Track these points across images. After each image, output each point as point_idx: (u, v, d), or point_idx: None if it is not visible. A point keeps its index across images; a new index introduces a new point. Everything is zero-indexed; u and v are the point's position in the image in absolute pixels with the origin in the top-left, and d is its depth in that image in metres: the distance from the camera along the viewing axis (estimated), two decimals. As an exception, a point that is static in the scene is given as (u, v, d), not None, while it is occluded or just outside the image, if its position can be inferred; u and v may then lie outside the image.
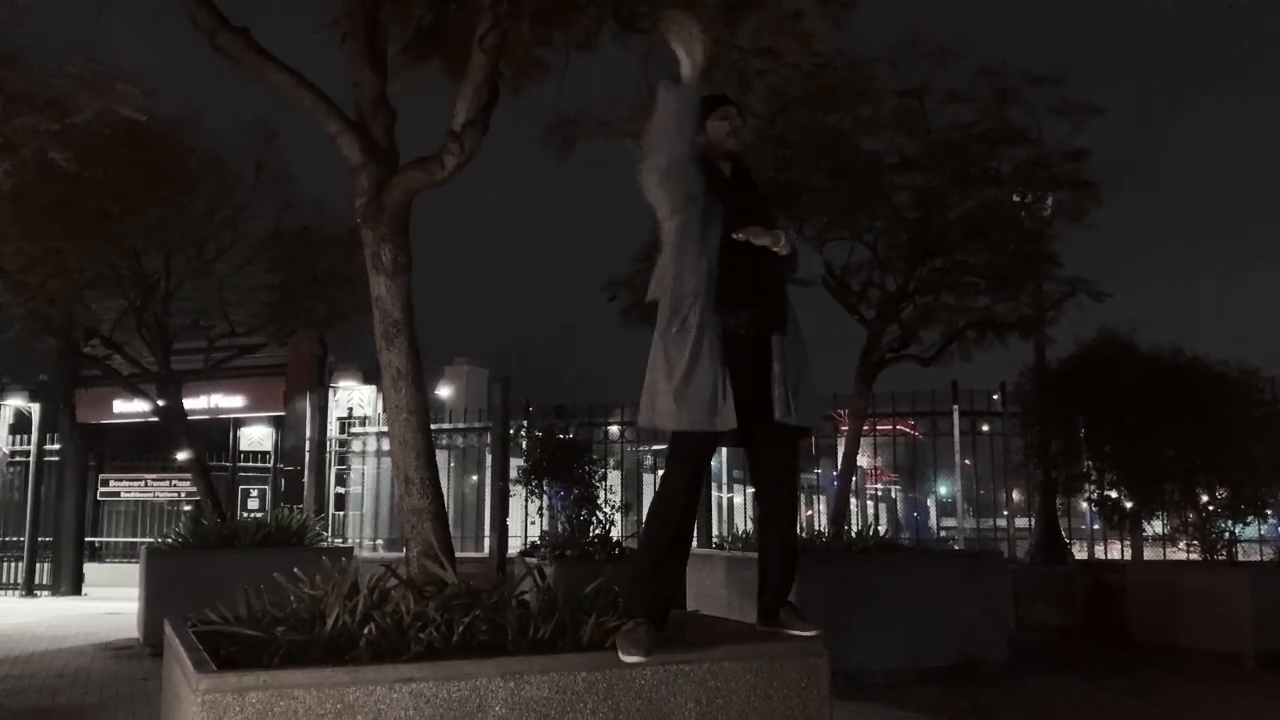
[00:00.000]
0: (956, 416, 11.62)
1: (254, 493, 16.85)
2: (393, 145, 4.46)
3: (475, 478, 15.07)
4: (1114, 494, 9.64)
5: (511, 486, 11.08)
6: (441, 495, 4.22)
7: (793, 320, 3.59)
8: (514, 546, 11.54)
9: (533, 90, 5.46)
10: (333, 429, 15.27)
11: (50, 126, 8.12)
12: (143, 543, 13.97)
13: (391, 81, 4.66)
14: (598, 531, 9.37)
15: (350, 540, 13.94)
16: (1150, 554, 10.40)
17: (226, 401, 17.06)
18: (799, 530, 8.41)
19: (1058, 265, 9.19)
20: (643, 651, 3.05)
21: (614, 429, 12.78)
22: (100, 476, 16.69)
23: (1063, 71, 8.76)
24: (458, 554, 4.14)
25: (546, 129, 6.20)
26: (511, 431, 12.70)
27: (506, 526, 12.18)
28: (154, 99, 8.98)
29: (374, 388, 15.36)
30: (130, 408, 15.98)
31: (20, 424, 16.59)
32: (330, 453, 15.11)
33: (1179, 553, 9.64)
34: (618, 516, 9.86)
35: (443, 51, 5.16)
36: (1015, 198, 9.36)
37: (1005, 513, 13.21)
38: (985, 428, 11.86)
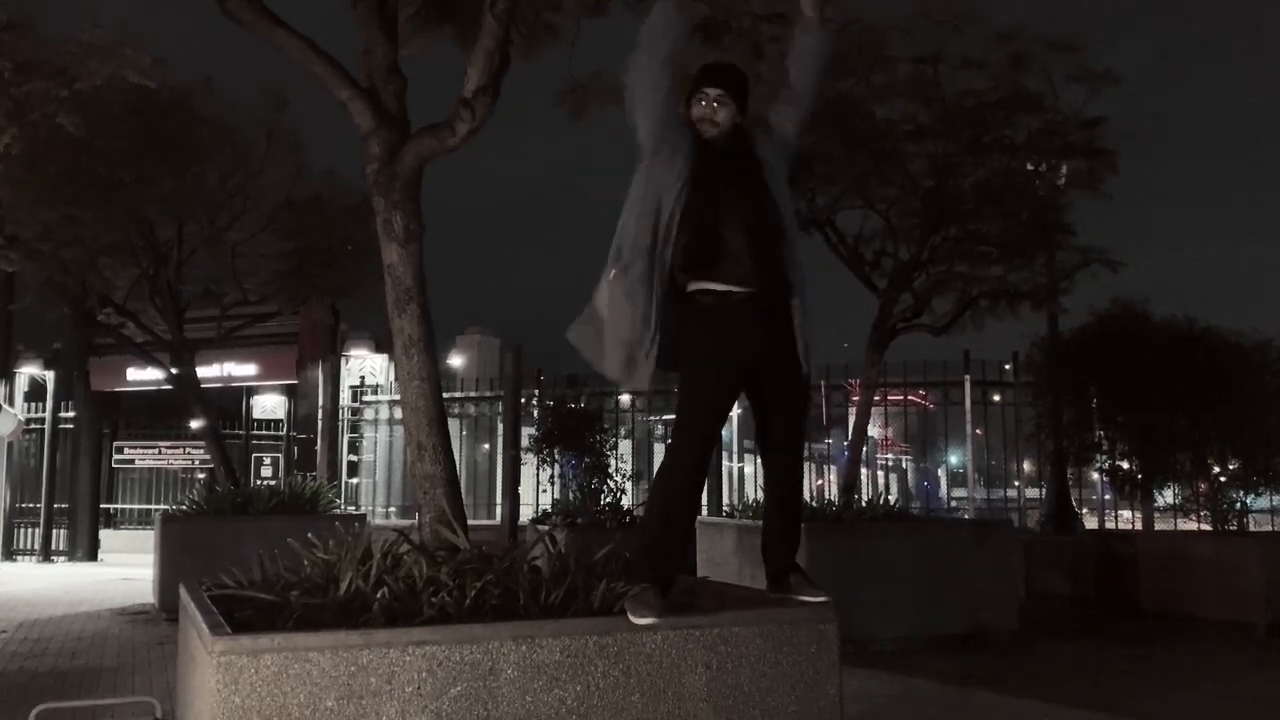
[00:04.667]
0: (968, 386, 11.61)
1: (267, 460, 16.96)
2: (404, 112, 4.44)
3: (487, 446, 15.15)
4: (1125, 464, 9.64)
5: (523, 455, 11.13)
6: (454, 462, 4.23)
7: (799, 282, 3.56)
8: (525, 515, 11.60)
9: (544, 55, 5.43)
10: (345, 397, 15.34)
11: (60, 92, 8.12)
12: (157, 509, 14.09)
13: (402, 48, 4.64)
14: (609, 499, 9.42)
15: (363, 507, 14.03)
16: (1161, 524, 10.41)
17: (239, 370, 17.13)
18: (809, 498, 8.44)
19: (1071, 234, 9.14)
20: (654, 613, 3.07)
21: (625, 398, 12.81)
22: (115, 444, 16.81)
23: (1080, 38, 8.66)
24: (470, 522, 4.16)
25: (559, 94, 6.17)
26: (523, 400, 12.74)
27: (518, 495, 12.24)
28: (164, 68, 8.97)
29: (386, 356, 15.42)
30: (144, 376, 16.06)
31: (35, 392, 16.70)
32: (343, 420, 15.19)
33: (1189, 523, 9.65)
34: (628, 485, 9.91)
35: (454, 17, 5.12)
36: (1029, 166, 9.29)
37: (1016, 482, 13.22)
38: (997, 397, 11.86)
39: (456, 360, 26.56)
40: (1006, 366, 11.60)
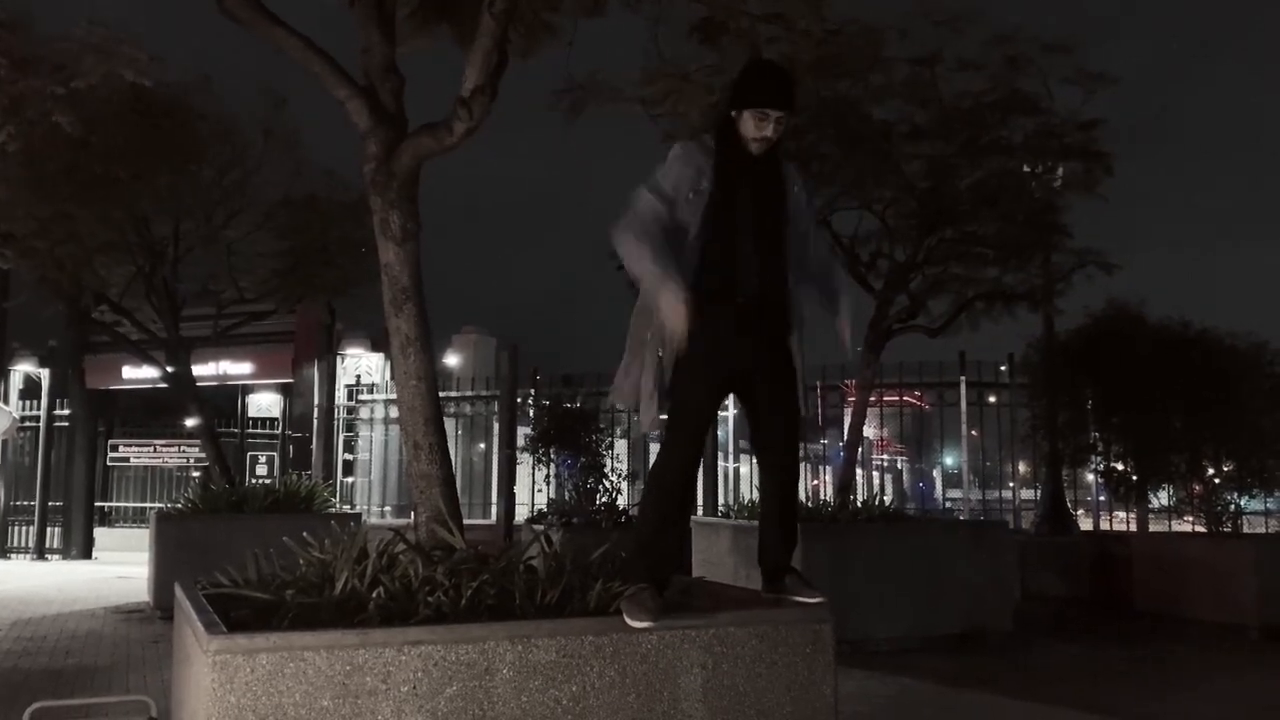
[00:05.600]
0: (964, 387, 11.61)
1: (262, 459, 16.93)
2: (401, 111, 4.43)
3: (483, 446, 15.12)
4: (1120, 465, 9.65)
5: (519, 455, 11.13)
6: (450, 461, 4.23)
7: (798, 309, 3.57)
8: (521, 514, 11.59)
9: (542, 55, 5.42)
10: (341, 396, 15.31)
11: (56, 90, 8.11)
12: (152, 508, 14.07)
13: (400, 47, 4.63)
14: (604, 499, 9.42)
15: (358, 506, 14.01)
16: (1155, 526, 10.43)
17: (235, 368, 17.10)
18: (804, 499, 8.44)
19: (1068, 236, 9.16)
20: (650, 616, 3.07)
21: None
22: (110, 442, 16.77)
23: (1077, 39, 8.68)
24: (466, 522, 4.15)
25: (556, 93, 6.17)
26: (519, 400, 12.72)
27: (514, 494, 12.22)
28: (161, 65, 8.95)
29: (382, 355, 15.40)
30: (139, 374, 16.02)
31: (30, 389, 16.67)
32: (338, 419, 15.17)
33: (1184, 524, 9.67)
34: (624, 485, 9.90)
35: (452, 16, 5.11)
36: (1026, 168, 9.31)
37: (1011, 484, 13.24)
38: (992, 399, 11.86)
39: (452, 359, 26.57)
40: (1002, 368, 11.61)
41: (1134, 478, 9.53)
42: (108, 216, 9.84)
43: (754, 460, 3.67)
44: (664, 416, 3.50)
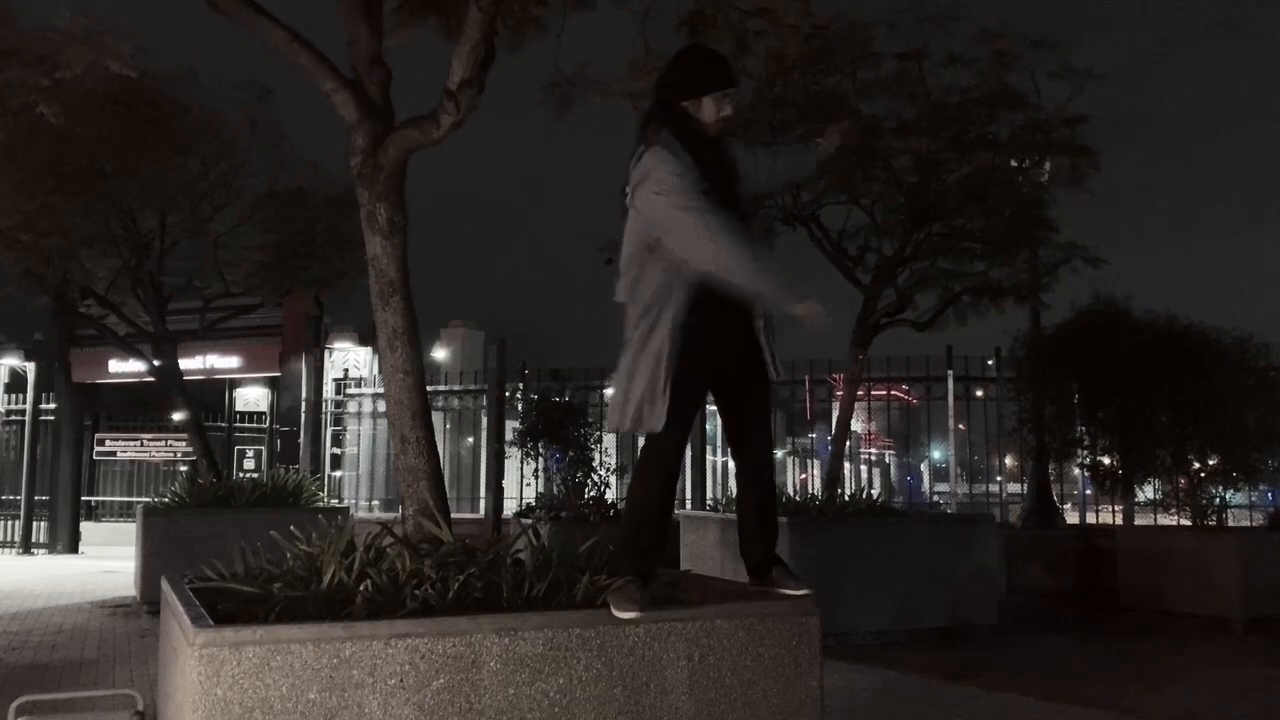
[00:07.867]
0: (951, 382, 11.65)
1: (250, 453, 16.88)
2: (388, 104, 4.42)
3: (471, 440, 15.12)
4: (1106, 459, 9.69)
5: (507, 448, 11.14)
6: (437, 455, 4.23)
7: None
8: (509, 508, 11.59)
9: (530, 49, 5.41)
10: (328, 390, 15.29)
11: (40, 81, 8.06)
12: (139, 502, 14.03)
13: (387, 39, 4.62)
14: (592, 493, 9.43)
15: (346, 500, 13.99)
16: (1141, 520, 10.48)
17: (222, 362, 17.06)
18: (792, 492, 8.44)
19: (1054, 231, 9.19)
20: (637, 607, 3.08)
21: (609, 393, 12.78)
22: (96, 436, 16.71)
23: (1062, 36, 8.70)
24: (454, 515, 4.16)
25: (544, 88, 6.16)
26: (508, 394, 12.72)
27: (502, 488, 12.23)
28: (147, 56, 8.92)
29: (369, 349, 15.39)
30: (126, 367, 15.98)
31: (16, 383, 16.61)
32: (326, 413, 15.14)
33: (1169, 518, 9.72)
34: (612, 479, 9.91)
35: (439, 9, 5.10)
36: (1013, 163, 9.33)
37: (998, 477, 13.29)
38: (979, 393, 11.91)
39: (440, 353, 26.52)
40: (989, 362, 11.66)
41: (1119, 471, 9.57)
42: (93, 209, 9.80)
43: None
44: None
